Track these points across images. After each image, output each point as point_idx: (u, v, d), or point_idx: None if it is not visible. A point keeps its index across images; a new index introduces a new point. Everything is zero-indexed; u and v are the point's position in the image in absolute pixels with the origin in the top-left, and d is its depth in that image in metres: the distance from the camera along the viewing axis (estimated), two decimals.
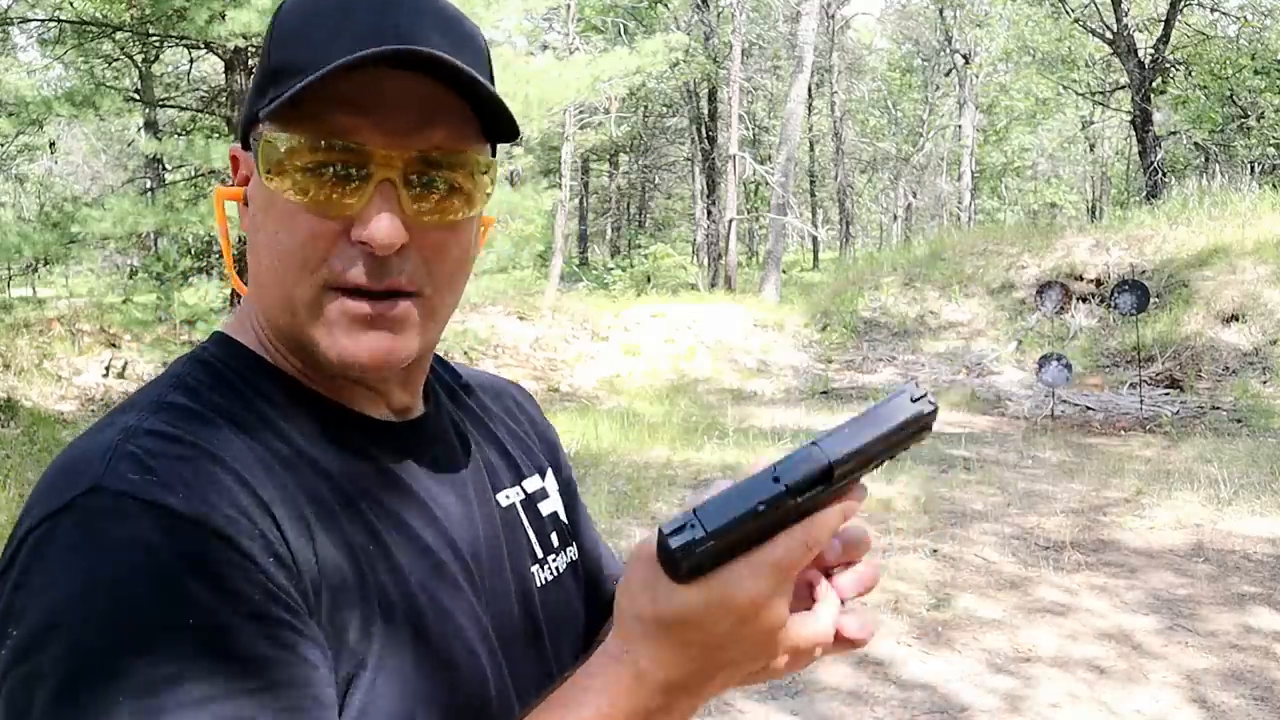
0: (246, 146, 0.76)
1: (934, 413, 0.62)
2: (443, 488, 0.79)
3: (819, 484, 0.59)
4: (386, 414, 0.79)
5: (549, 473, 0.94)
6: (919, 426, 0.62)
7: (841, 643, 0.67)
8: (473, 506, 0.81)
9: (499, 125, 0.74)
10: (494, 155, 0.78)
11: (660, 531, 0.59)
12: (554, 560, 0.88)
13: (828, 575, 0.67)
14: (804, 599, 0.66)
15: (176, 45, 11.85)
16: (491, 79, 0.76)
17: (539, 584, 0.84)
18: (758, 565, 0.59)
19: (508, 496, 0.86)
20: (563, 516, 0.93)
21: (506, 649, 0.77)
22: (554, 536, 0.90)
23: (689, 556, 0.58)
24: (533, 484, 0.90)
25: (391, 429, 0.78)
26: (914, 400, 0.61)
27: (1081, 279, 12.94)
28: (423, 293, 0.73)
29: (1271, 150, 22.19)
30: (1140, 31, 21.13)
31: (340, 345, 0.71)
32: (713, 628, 0.60)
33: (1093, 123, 31.62)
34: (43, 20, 11.81)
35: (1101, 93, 24.02)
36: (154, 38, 10.76)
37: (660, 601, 0.61)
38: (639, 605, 0.62)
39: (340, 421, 0.75)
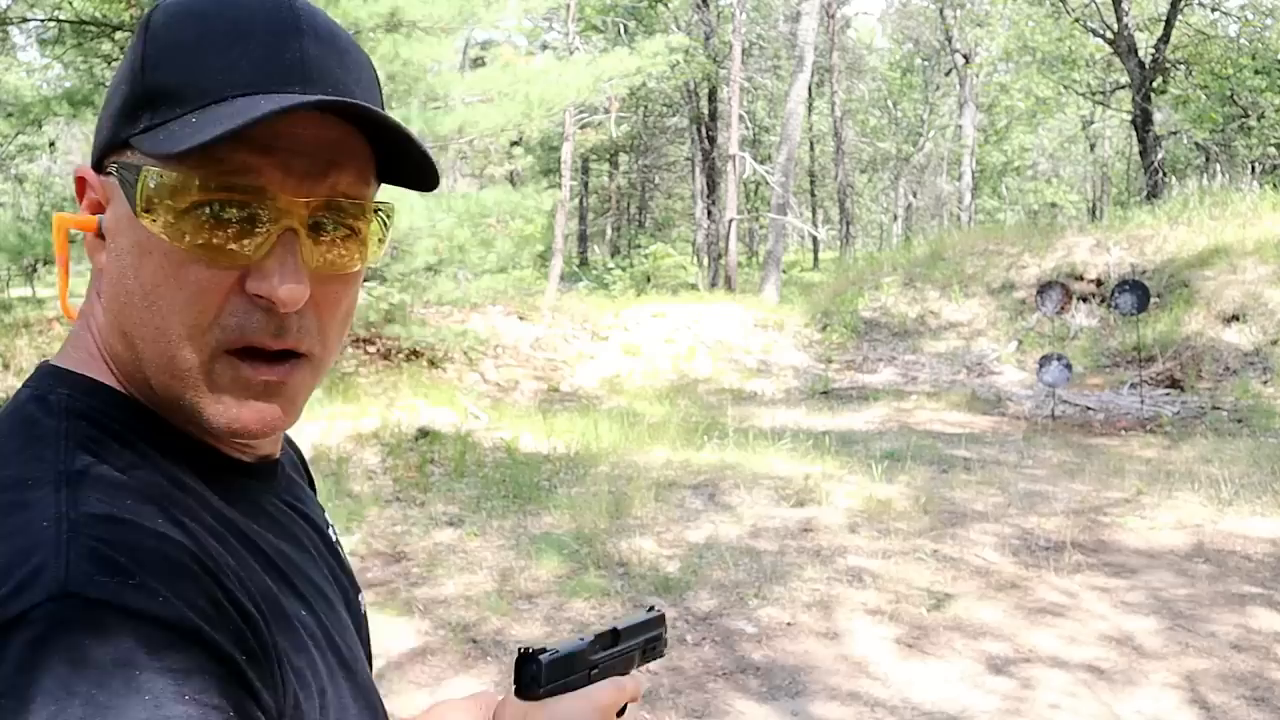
0: (100, 169, 0.68)
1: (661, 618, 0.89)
2: (307, 525, 0.78)
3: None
4: (252, 455, 0.73)
5: None
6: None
7: None
8: (327, 541, 0.81)
9: (419, 176, 0.70)
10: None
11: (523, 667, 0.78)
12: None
13: None
14: None
15: None
16: (382, 105, 0.72)
17: (363, 612, 0.84)
18: (601, 685, 0.80)
19: (332, 531, 0.84)
20: None
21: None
22: None
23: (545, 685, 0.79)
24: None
25: (266, 471, 0.75)
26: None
27: (1082, 279, 12.92)
28: (313, 353, 0.68)
29: (1272, 150, 22.16)
30: (1140, 31, 21.10)
31: (231, 414, 0.65)
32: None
33: (1093, 122, 31.60)
34: (42, 20, 11.80)
35: (1102, 92, 24.01)
36: None
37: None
38: None
39: (224, 469, 0.70)
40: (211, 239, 0.63)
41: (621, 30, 24.93)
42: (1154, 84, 19.15)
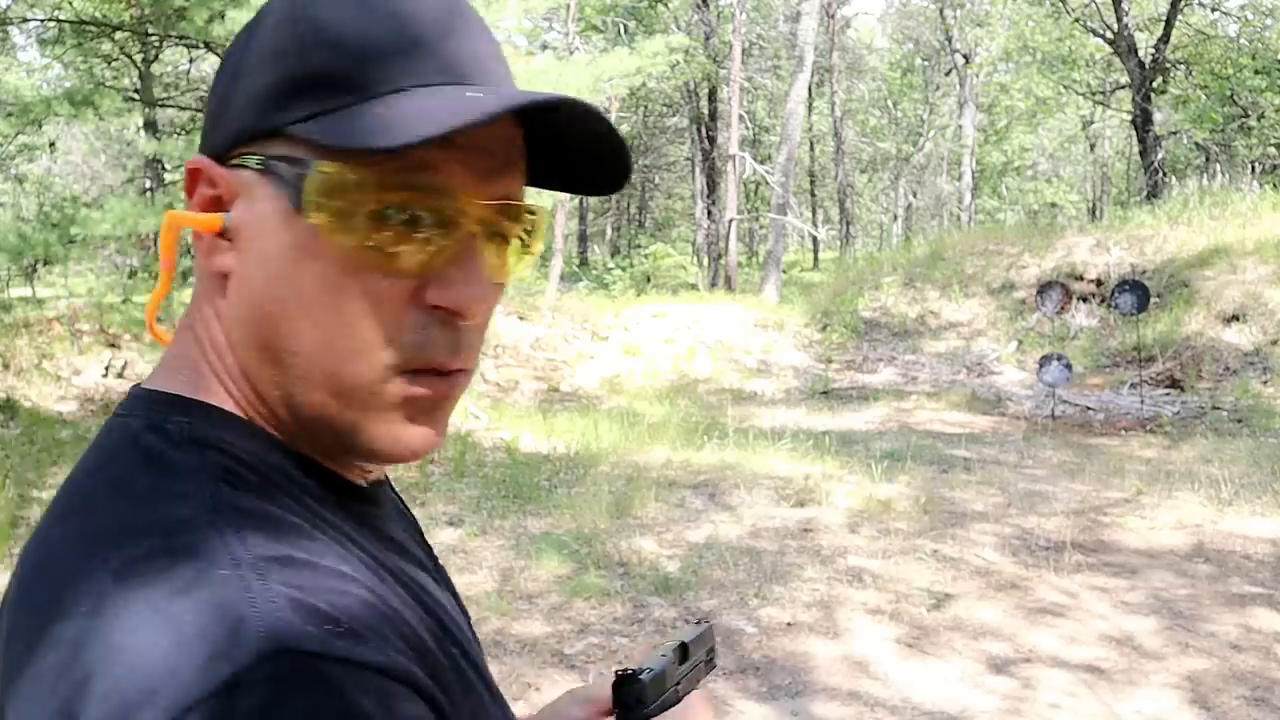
0: (224, 161, 0.60)
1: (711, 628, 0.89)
2: (421, 549, 0.72)
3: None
4: (366, 478, 0.67)
5: None
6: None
7: None
8: (436, 562, 0.75)
9: (599, 179, 0.65)
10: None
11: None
12: None
13: None
14: None
15: (176, 45, 11.85)
16: None
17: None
18: (692, 704, 0.77)
19: None
20: None
21: None
22: None
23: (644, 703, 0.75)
24: None
25: (378, 493, 0.68)
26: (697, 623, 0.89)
27: (1082, 279, 12.92)
28: (469, 369, 0.62)
29: (1272, 150, 22.17)
30: (1140, 31, 21.11)
31: (395, 435, 0.59)
32: None
33: (1093, 122, 31.61)
34: (42, 20, 11.80)
35: (1102, 92, 24.01)
36: (153, 37, 10.76)
37: None
38: None
39: (346, 494, 0.63)
40: (389, 243, 0.56)
41: (621, 30, 24.93)
42: (1154, 84, 19.16)
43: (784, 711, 3.74)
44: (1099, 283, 12.76)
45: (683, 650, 0.80)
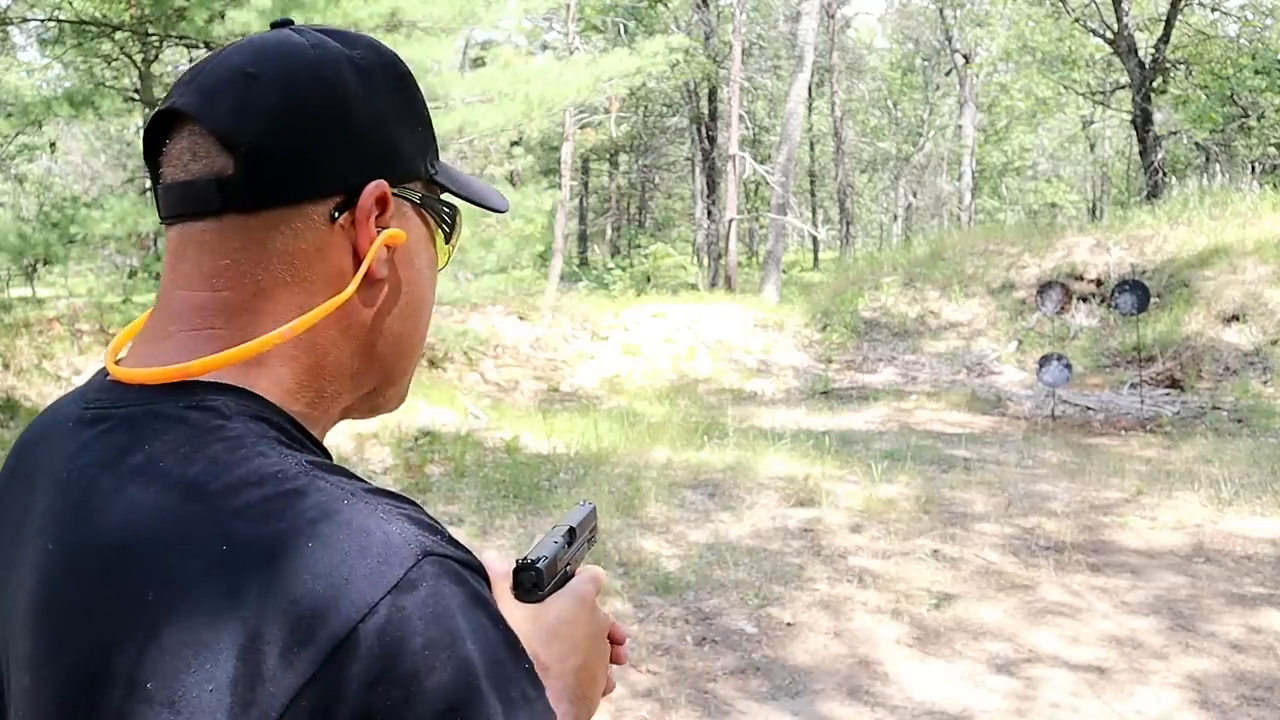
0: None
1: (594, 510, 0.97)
2: None
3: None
4: None
5: None
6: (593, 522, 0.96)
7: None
8: None
9: None
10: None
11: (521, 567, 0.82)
12: None
13: None
14: None
15: (176, 45, 11.84)
16: None
17: None
18: (582, 579, 0.84)
19: None
20: None
21: None
22: None
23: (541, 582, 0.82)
24: None
25: None
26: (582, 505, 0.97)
27: (1082, 279, 12.92)
28: None
29: (1272, 150, 22.16)
30: (1140, 31, 21.09)
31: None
32: (576, 617, 0.80)
33: (1093, 122, 31.58)
34: (42, 20, 11.79)
35: (1102, 92, 23.99)
36: (153, 37, 10.74)
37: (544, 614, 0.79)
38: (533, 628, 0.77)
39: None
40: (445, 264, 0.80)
41: (621, 30, 24.94)
42: (1154, 84, 19.14)
43: (786, 711, 3.74)
44: (1099, 283, 12.76)
45: (570, 534, 0.89)
